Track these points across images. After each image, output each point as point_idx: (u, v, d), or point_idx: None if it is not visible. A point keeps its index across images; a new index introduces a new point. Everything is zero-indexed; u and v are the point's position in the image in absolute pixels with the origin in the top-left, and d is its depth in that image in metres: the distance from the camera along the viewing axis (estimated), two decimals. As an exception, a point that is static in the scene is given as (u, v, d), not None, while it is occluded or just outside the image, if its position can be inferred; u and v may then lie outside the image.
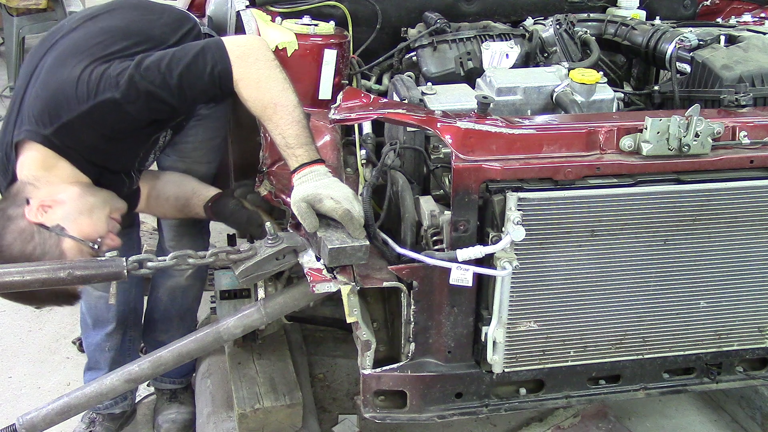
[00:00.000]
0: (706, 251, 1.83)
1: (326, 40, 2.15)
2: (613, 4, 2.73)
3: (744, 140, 1.80)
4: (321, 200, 1.74)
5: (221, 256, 1.86)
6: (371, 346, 1.80)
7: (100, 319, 2.56)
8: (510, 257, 1.67)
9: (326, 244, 1.69)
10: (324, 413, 2.81)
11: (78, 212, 1.93)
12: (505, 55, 2.36)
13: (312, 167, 1.81)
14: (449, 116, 1.80)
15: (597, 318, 1.85)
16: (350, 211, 1.72)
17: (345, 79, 2.23)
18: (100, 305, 2.52)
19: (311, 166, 1.81)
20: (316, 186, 1.77)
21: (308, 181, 1.79)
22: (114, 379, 2.05)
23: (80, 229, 1.91)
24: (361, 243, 1.71)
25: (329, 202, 1.74)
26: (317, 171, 1.81)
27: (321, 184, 1.78)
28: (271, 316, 2.04)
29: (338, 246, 1.69)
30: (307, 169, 1.81)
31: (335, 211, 1.73)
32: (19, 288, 1.73)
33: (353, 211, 1.72)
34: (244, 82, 1.87)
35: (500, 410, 1.96)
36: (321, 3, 2.41)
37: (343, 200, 1.74)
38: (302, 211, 1.77)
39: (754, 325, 1.96)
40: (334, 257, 1.69)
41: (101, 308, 2.53)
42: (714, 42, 2.23)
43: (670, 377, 2.03)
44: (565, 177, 1.72)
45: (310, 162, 1.82)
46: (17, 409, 2.83)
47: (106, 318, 2.55)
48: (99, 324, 2.56)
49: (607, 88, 2.13)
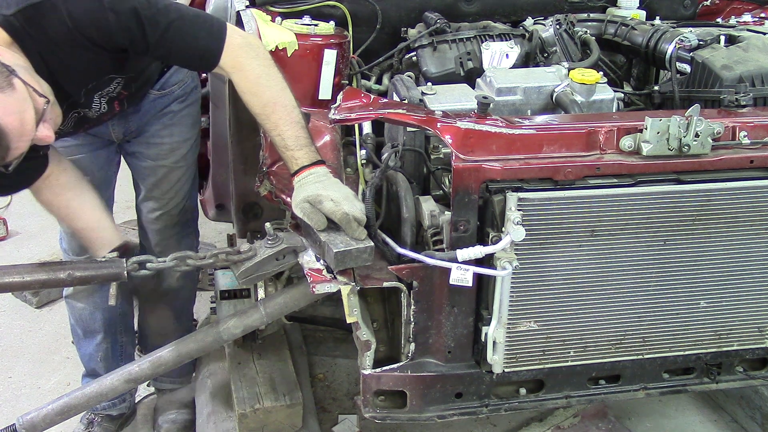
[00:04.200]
0: (706, 251, 1.83)
1: (326, 40, 2.15)
2: (613, 4, 2.73)
3: (744, 140, 1.80)
4: (321, 202, 1.74)
5: (221, 256, 1.86)
6: (371, 346, 1.80)
7: (88, 330, 2.55)
8: (510, 257, 1.67)
9: (331, 248, 1.68)
10: (324, 413, 2.81)
11: (29, 74, 1.72)
12: (505, 55, 2.36)
13: (311, 169, 1.80)
14: (449, 116, 1.80)
15: (597, 318, 1.85)
16: (348, 213, 1.71)
17: (345, 79, 2.23)
18: (86, 315, 2.52)
19: (311, 169, 1.80)
20: (316, 188, 1.76)
21: (308, 183, 1.78)
22: (114, 379, 2.05)
23: (31, 83, 1.70)
24: (366, 245, 1.70)
25: (329, 203, 1.73)
26: (317, 173, 1.80)
27: (321, 186, 1.77)
28: (271, 316, 2.04)
29: (343, 249, 1.68)
30: (306, 171, 1.80)
31: (334, 213, 1.72)
32: (18, 289, 1.73)
33: (352, 213, 1.71)
34: (245, 74, 1.84)
35: (500, 410, 1.96)
36: (321, 3, 2.41)
37: (342, 201, 1.73)
38: (307, 211, 1.75)
39: (754, 325, 1.96)
40: (340, 260, 1.68)
41: (87, 319, 2.53)
42: (714, 42, 2.23)
43: (670, 377, 2.03)
44: (565, 177, 1.71)
45: (310, 164, 1.81)
46: (17, 409, 2.83)
47: (94, 328, 2.55)
48: (88, 334, 2.57)
49: (607, 88, 2.13)
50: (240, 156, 2.48)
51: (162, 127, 2.34)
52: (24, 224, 4.37)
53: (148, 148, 2.38)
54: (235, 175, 2.48)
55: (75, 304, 2.51)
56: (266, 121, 1.85)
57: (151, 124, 2.35)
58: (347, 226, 1.71)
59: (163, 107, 2.34)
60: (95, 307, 2.51)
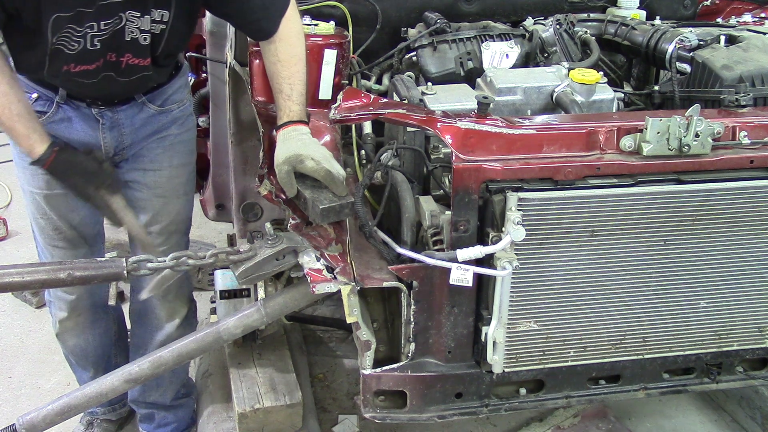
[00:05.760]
0: (706, 251, 1.83)
1: (326, 40, 2.15)
2: (613, 4, 2.73)
3: (744, 140, 1.80)
4: (302, 161, 1.84)
5: (221, 256, 1.85)
6: (371, 346, 1.80)
7: (81, 363, 2.52)
8: (510, 257, 1.67)
9: (317, 204, 1.80)
10: (324, 413, 2.81)
11: None
12: (505, 55, 2.36)
13: (298, 126, 1.92)
14: (449, 116, 1.80)
15: (597, 318, 1.85)
16: (330, 171, 1.82)
17: (345, 79, 2.23)
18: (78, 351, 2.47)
19: (297, 125, 1.92)
20: (298, 146, 1.86)
21: (291, 139, 1.88)
22: (114, 379, 2.04)
23: None
24: (347, 200, 1.82)
25: (310, 162, 1.83)
26: (301, 130, 1.91)
27: (302, 144, 1.87)
28: (271, 316, 2.04)
29: (328, 205, 1.80)
30: (293, 126, 1.91)
31: (317, 172, 1.83)
32: (18, 289, 1.73)
33: (333, 171, 1.82)
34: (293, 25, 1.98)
35: (500, 410, 1.96)
36: (321, 3, 2.41)
37: (323, 161, 1.83)
38: (282, 177, 1.87)
39: (754, 325, 1.96)
40: (325, 215, 1.80)
41: (79, 354, 2.48)
42: (714, 42, 2.23)
43: (670, 377, 2.03)
44: (565, 177, 1.71)
45: (299, 121, 1.93)
46: (17, 409, 2.84)
47: (85, 365, 2.51)
48: (81, 366, 2.53)
49: (607, 88, 2.13)
50: (240, 156, 2.48)
51: (162, 150, 2.19)
52: (24, 224, 4.36)
53: (144, 175, 2.20)
54: (235, 175, 2.48)
55: (66, 342, 2.44)
56: (285, 69, 1.96)
57: (149, 148, 2.19)
58: (331, 183, 1.83)
59: (162, 129, 2.20)
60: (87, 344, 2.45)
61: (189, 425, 2.72)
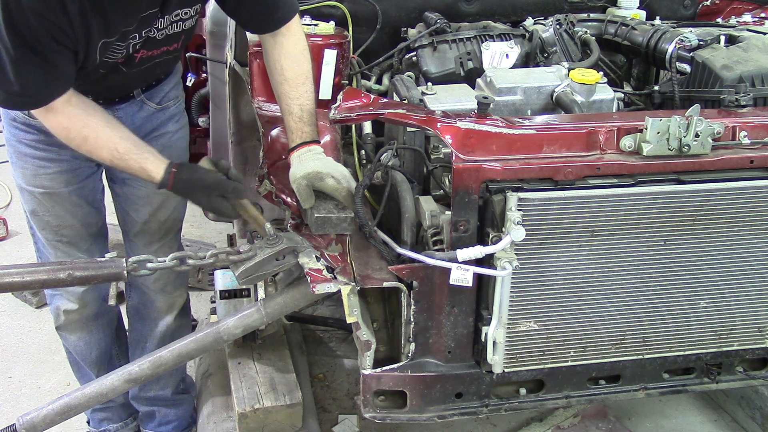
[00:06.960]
0: (707, 251, 1.83)
1: (326, 40, 2.15)
2: (613, 4, 2.73)
3: (744, 140, 1.80)
4: (322, 179, 1.86)
5: (221, 257, 1.85)
6: (371, 346, 1.80)
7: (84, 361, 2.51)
8: (510, 257, 1.67)
9: (313, 212, 1.85)
10: (324, 413, 2.81)
11: None
12: (505, 55, 2.36)
13: (311, 146, 1.92)
14: (449, 116, 1.80)
15: (597, 318, 1.85)
16: (352, 191, 1.86)
17: (345, 79, 2.23)
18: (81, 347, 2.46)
19: (311, 146, 1.91)
20: (316, 165, 1.87)
21: (307, 159, 1.88)
22: (114, 379, 2.04)
23: None
24: (346, 214, 1.84)
25: (331, 181, 1.87)
26: (316, 150, 1.91)
27: (320, 162, 1.88)
28: (271, 316, 2.04)
29: (324, 215, 1.84)
30: (307, 147, 1.91)
31: (338, 191, 1.87)
32: (18, 289, 1.73)
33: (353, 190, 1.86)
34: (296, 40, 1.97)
35: (500, 410, 1.96)
36: (321, 3, 2.41)
37: (343, 180, 1.88)
38: (301, 190, 1.87)
39: (754, 325, 1.96)
40: (320, 225, 1.84)
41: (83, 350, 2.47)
42: (714, 42, 2.23)
43: (670, 377, 2.03)
44: (565, 177, 1.71)
45: (312, 141, 1.92)
46: (17, 409, 2.83)
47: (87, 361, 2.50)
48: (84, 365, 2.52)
49: (607, 88, 2.13)
50: (240, 156, 2.48)
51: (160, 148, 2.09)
52: (24, 224, 4.35)
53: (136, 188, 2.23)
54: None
55: (68, 336, 2.44)
56: (293, 89, 1.95)
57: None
58: (350, 203, 1.86)
59: (160, 126, 2.22)
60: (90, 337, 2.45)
61: (189, 424, 2.73)
